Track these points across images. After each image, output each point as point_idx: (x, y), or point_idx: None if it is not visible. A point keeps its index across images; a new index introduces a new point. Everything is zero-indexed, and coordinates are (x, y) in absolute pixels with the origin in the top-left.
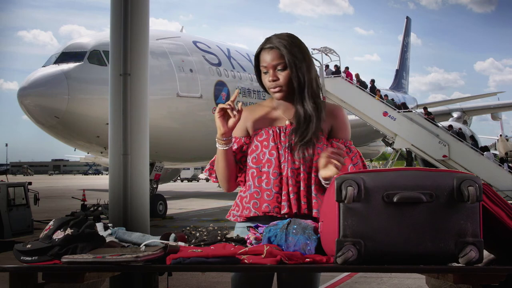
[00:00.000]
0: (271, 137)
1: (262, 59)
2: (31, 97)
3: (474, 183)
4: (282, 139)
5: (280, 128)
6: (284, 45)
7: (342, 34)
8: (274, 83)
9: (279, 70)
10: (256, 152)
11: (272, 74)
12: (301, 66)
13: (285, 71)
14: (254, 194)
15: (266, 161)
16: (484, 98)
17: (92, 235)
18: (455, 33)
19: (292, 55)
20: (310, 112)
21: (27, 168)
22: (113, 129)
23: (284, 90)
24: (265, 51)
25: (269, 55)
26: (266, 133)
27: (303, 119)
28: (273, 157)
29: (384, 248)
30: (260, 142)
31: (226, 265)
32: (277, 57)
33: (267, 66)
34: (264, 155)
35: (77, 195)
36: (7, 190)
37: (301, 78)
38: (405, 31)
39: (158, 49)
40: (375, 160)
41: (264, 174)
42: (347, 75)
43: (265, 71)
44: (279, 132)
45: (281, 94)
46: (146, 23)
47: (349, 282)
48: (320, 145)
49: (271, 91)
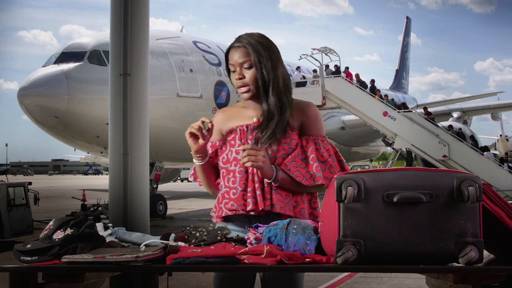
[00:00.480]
0: (238, 136)
1: (230, 57)
2: (31, 97)
3: (474, 183)
4: (249, 136)
5: (248, 126)
6: (251, 43)
7: (342, 34)
8: (241, 82)
9: (246, 68)
10: (225, 152)
11: (238, 72)
12: (266, 64)
13: (251, 70)
14: (224, 194)
15: (233, 160)
16: (484, 98)
17: (92, 235)
18: (455, 33)
19: (257, 53)
20: (272, 109)
21: (27, 168)
22: (113, 129)
23: (251, 89)
24: (233, 50)
25: (237, 54)
26: (234, 132)
27: (265, 116)
28: (239, 155)
29: (384, 248)
30: (228, 141)
31: (226, 265)
32: (244, 55)
33: (234, 64)
34: (231, 153)
35: (77, 195)
36: (7, 190)
37: (266, 76)
38: (405, 31)
39: (158, 49)
40: (375, 160)
41: (231, 172)
42: (347, 75)
43: (233, 70)
44: (246, 130)
45: (248, 94)
46: (146, 23)
47: (349, 282)
48: (288, 141)
49: (238, 91)
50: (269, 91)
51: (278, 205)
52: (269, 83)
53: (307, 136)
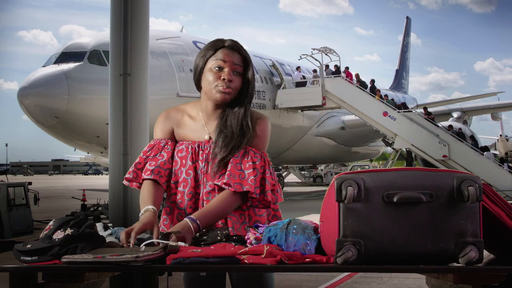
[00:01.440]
0: (190, 156)
1: (221, 54)
2: (31, 97)
3: (474, 183)
4: (200, 157)
5: (200, 144)
6: (247, 54)
7: (342, 34)
8: (229, 83)
9: (236, 73)
10: (175, 168)
11: (228, 73)
12: (252, 80)
13: (239, 77)
14: (166, 209)
15: (182, 180)
16: (484, 98)
17: (92, 235)
18: (455, 33)
19: (251, 66)
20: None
21: (27, 168)
22: (113, 129)
23: (232, 94)
24: (227, 49)
25: (233, 55)
26: (186, 149)
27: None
28: (189, 177)
29: (384, 248)
30: (180, 158)
31: (226, 265)
32: (239, 60)
33: (226, 62)
34: (182, 173)
35: (77, 195)
36: (7, 190)
37: (250, 91)
38: (405, 31)
39: (158, 49)
40: (375, 160)
41: (179, 193)
42: (347, 75)
43: (218, 66)
44: (198, 149)
45: (227, 97)
46: (146, 23)
47: (349, 282)
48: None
49: (218, 89)
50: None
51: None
52: (249, 98)
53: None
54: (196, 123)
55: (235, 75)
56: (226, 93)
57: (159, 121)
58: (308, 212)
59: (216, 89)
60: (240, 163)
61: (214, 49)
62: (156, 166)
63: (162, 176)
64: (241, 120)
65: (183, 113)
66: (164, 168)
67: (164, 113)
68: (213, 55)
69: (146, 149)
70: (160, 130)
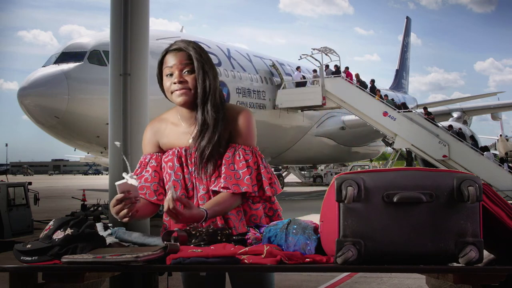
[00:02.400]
0: (176, 159)
1: (167, 60)
2: (31, 97)
3: (474, 183)
4: (189, 162)
5: (186, 149)
6: (194, 48)
7: (342, 34)
8: (181, 85)
9: (186, 72)
10: (164, 174)
11: (178, 75)
12: (208, 72)
13: (192, 75)
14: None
15: (172, 183)
16: (484, 98)
17: (92, 235)
18: (455, 33)
19: (202, 59)
20: (208, 120)
21: (27, 168)
22: (113, 129)
23: (189, 94)
24: (171, 53)
25: (177, 57)
26: (173, 154)
27: (200, 127)
28: (179, 179)
29: (384, 248)
30: (166, 162)
31: (226, 265)
32: (185, 59)
33: (172, 67)
34: (170, 176)
35: (77, 195)
36: (7, 190)
37: (207, 84)
38: (405, 31)
39: (158, 49)
40: (375, 160)
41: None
42: (347, 75)
43: (169, 73)
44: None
45: (185, 98)
46: (146, 23)
47: (349, 282)
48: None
49: (175, 94)
50: (208, 100)
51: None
52: (209, 92)
53: (230, 144)
54: (179, 129)
55: (187, 74)
56: (183, 94)
57: (144, 136)
58: (308, 212)
59: (174, 94)
60: (233, 163)
61: (161, 57)
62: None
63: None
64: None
65: (166, 122)
66: (150, 183)
67: (148, 127)
68: (162, 63)
69: (137, 167)
70: (146, 144)
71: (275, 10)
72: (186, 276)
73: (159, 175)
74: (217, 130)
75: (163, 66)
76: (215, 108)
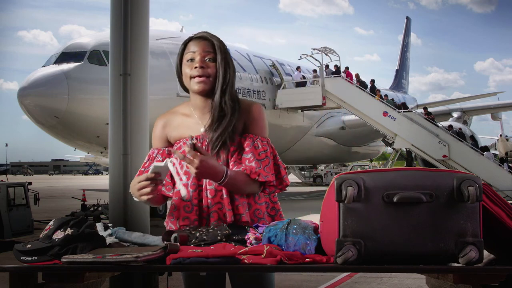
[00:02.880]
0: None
1: (190, 47)
2: (31, 97)
3: (474, 183)
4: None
5: (197, 137)
6: (217, 39)
7: (342, 34)
8: (202, 71)
9: (208, 60)
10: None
11: (200, 61)
12: (229, 63)
13: (213, 63)
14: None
15: (184, 173)
16: (484, 98)
17: (92, 235)
18: (455, 33)
19: (225, 50)
20: (226, 110)
21: (27, 168)
22: (113, 129)
23: (208, 82)
24: (194, 41)
25: (200, 45)
26: (184, 143)
27: (216, 117)
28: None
29: (384, 248)
30: None
31: (226, 265)
32: (208, 47)
33: (195, 52)
34: (182, 167)
35: (77, 195)
36: (7, 190)
37: (227, 75)
38: (405, 31)
39: (158, 49)
40: (375, 160)
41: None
42: (347, 75)
43: (190, 58)
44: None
45: (204, 86)
46: (146, 23)
47: (349, 282)
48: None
49: (194, 80)
50: (227, 90)
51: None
52: (228, 82)
53: (246, 134)
54: (191, 120)
55: (208, 62)
56: (202, 82)
57: (154, 129)
58: (308, 212)
59: (193, 81)
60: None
61: (184, 44)
62: None
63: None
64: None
65: (176, 114)
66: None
67: (158, 120)
68: (184, 49)
69: (145, 161)
70: (154, 138)
71: (275, 10)
72: (187, 276)
73: None
74: (234, 119)
75: (184, 53)
76: (232, 98)
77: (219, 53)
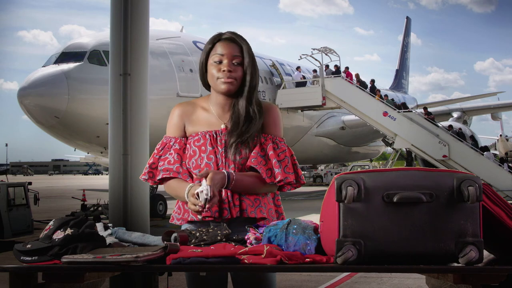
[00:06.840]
0: (208, 142)
1: (218, 48)
2: (31, 97)
3: (474, 183)
4: (219, 143)
5: (217, 132)
6: (245, 42)
7: (342, 34)
8: (229, 74)
9: (235, 64)
10: (195, 158)
11: (228, 64)
12: (255, 67)
13: (239, 67)
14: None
15: (204, 166)
16: (484, 98)
17: (92, 235)
18: (455, 33)
19: (251, 54)
20: (252, 113)
21: (27, 168)
22: (113, 129)
23: (234, 84)
24: (224, 42)
25: (229, 47)
26: (203, 137)
27: (243, 119)
28: (211, 161)
29: (384, 248)
30: (198, 147)
31: (226, 265)
32: (236, 51)
33: (223, 55)
34: (202, 160)
35: (77, 195)
36: (7, 190)
37: (254, 79)
38: (405, 31)
39: (158, 49)
40: (375, 160)
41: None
42: (347, 75)
43: (218, 60)
44: (216, 136)
45: (230, 87)
46: (146, 23)
47: (349, 282)
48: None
49: (220, 80)
50: (254, 94)
51: (248, 210)
52: (253, 87)
53: (266, 135)
54: (210, 115)
55: (236, 66)
56: (229, 83)
57: (171, 117)
58: (308, 212)
59: (219, 81)
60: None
61: (212, 43)
62: (165, 166)
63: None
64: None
65: (196, 106)
66: (173, 165)
67: (176, 108)
68: (212, 49)
69: (159, 147)
70: (172, 126)
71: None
72: (190, 275)
73: (181, 158)
74: (260, 122)
75: (211, 52)
76: (257, 102)
77: (247, 57)
